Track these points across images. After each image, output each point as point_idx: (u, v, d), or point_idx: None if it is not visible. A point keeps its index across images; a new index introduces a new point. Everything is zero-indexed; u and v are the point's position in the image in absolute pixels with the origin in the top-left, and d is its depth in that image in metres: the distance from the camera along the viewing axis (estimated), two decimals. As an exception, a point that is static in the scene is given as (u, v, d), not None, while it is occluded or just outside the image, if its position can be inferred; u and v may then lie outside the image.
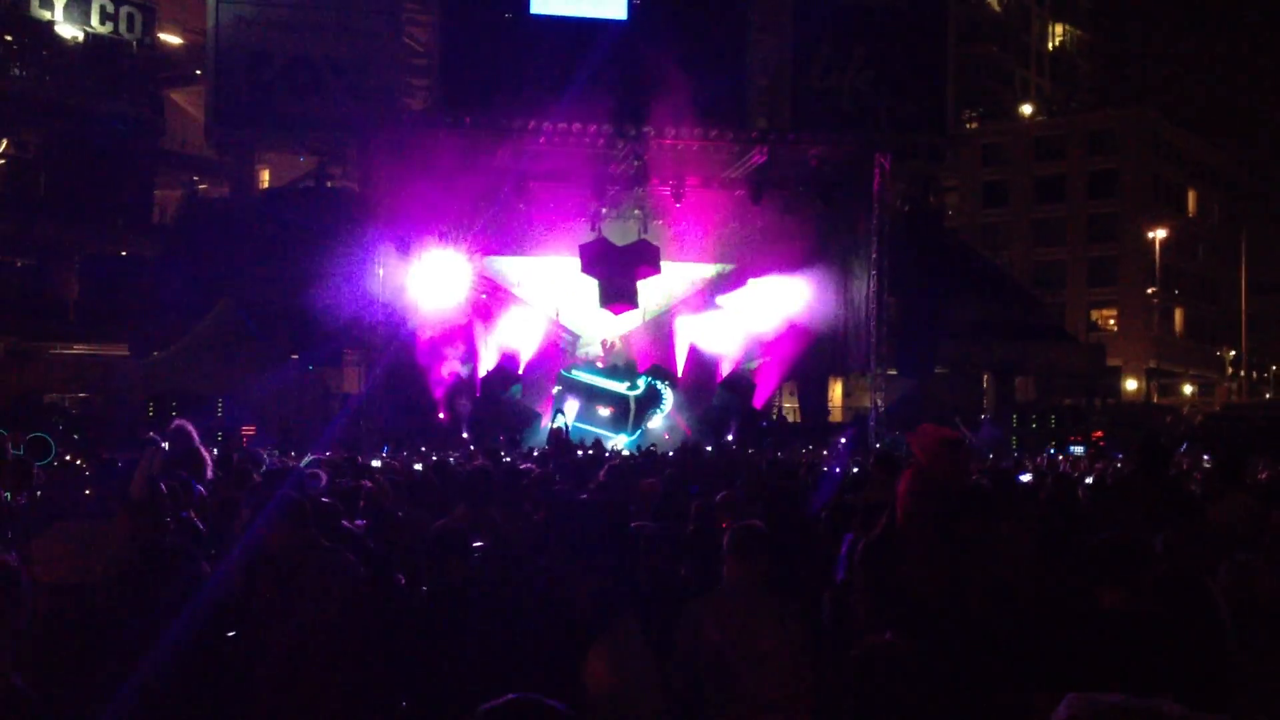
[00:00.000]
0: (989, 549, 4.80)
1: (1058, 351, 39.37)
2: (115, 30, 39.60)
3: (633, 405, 27.10)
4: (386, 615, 5.72)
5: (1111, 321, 66.08)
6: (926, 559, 4.36)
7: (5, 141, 38.87)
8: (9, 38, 37.91)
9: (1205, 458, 14.87)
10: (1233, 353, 70.41)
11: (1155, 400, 59.08)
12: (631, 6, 32.50)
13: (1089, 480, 11.86)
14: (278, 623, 5.17)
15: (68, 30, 38.51)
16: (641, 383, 27.21)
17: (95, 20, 39.05)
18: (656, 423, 27.11)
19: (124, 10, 39.72)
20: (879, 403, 27.27)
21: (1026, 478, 13.01)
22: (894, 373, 29.41)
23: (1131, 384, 60.69)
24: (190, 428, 9.39)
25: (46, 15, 38.00)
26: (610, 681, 4.30)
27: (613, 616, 4.49)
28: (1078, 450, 24.58)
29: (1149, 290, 63.16)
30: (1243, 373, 70.06)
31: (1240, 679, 3.82)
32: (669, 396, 27.23)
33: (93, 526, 4.43)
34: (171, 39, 45.31)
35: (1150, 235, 61.79)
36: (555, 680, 4.34)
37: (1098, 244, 66.40)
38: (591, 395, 27.15)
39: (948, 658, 4.01)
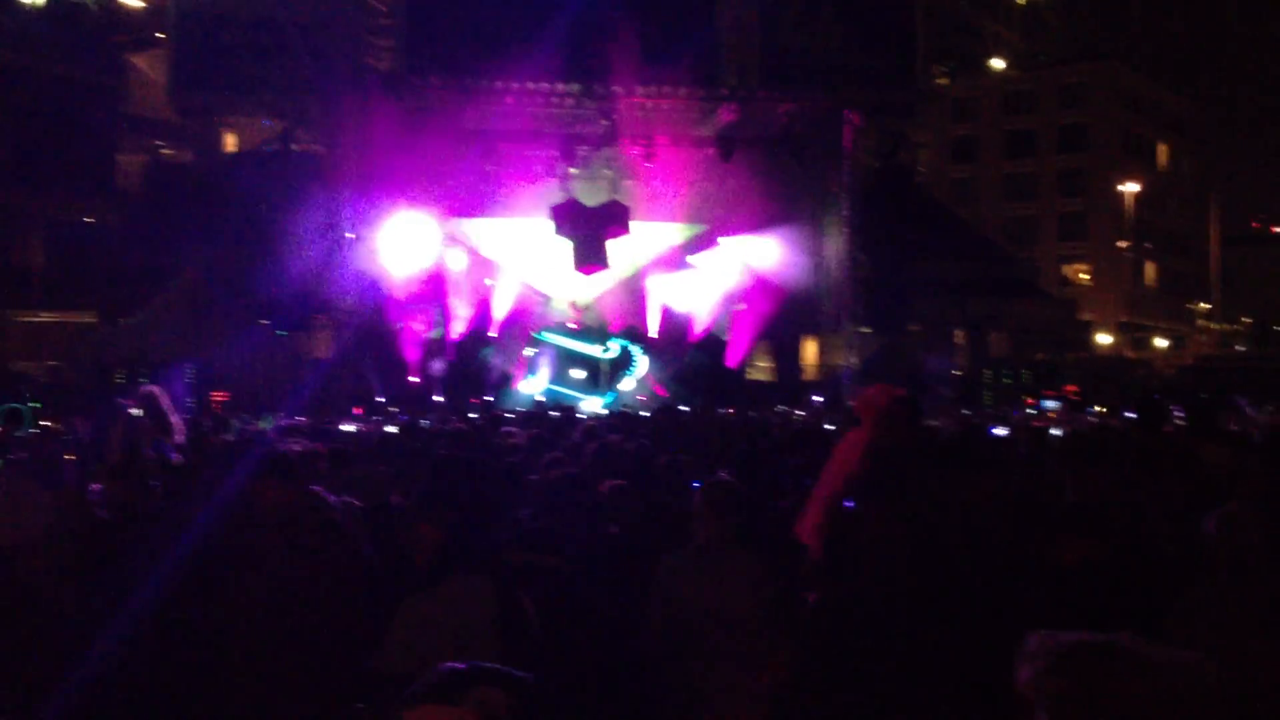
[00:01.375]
0: (954, 503, 4.77)
1: (1030, 306, 39.52)
2: (75, -7, 39.03)
3: (605, 368, 27.06)
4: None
5: (1083, 276, 66.35)
6: (879, 519, 4.33)
7: (-36, 108, 38.28)
8: (-35, 2, 37.32)
9: (1176, 411, 14.91)
10: (1204, 306, 70.88)
11: (1128, 354, 59.47)
12: (599, -36, 32.12)
13: (1056, 431, 11.86)
14: (267, 584, 5.04)
15: (26, -7, 37.92)
16: (614, 345, 27.14)
17: (54, -17, 38.46)
18: (628, 385, 27.07)
19: (83, -28, 39.15)
20: (853, 360, 27.30)
21: (1001, 432, 13.03)
22: (867, 330, 29.43)
23: (1104, 338, 61.03)
24: (159, 392, 9.28)
25: (4, -22, 37.42)
26: (418, 634, 4.28)
27: (451, 571, 4.45)
28: (1051, 405, 24.68)
29: (1120, 244, 63.41)
30: (1214, 325, 70.57)
31: (1231, 626, 3.84)
32: (641, 359, 27.18)
33: (35, 486, 4.26)
34: (132, 2, 44.62)
35: (1121, 189, 61.99)
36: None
37: (1069, 199, 66.59)
38: (564, 358, 27.09)
39: (907, 615, 3.98)
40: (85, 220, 37.88)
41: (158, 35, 39.75)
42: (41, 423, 15.77)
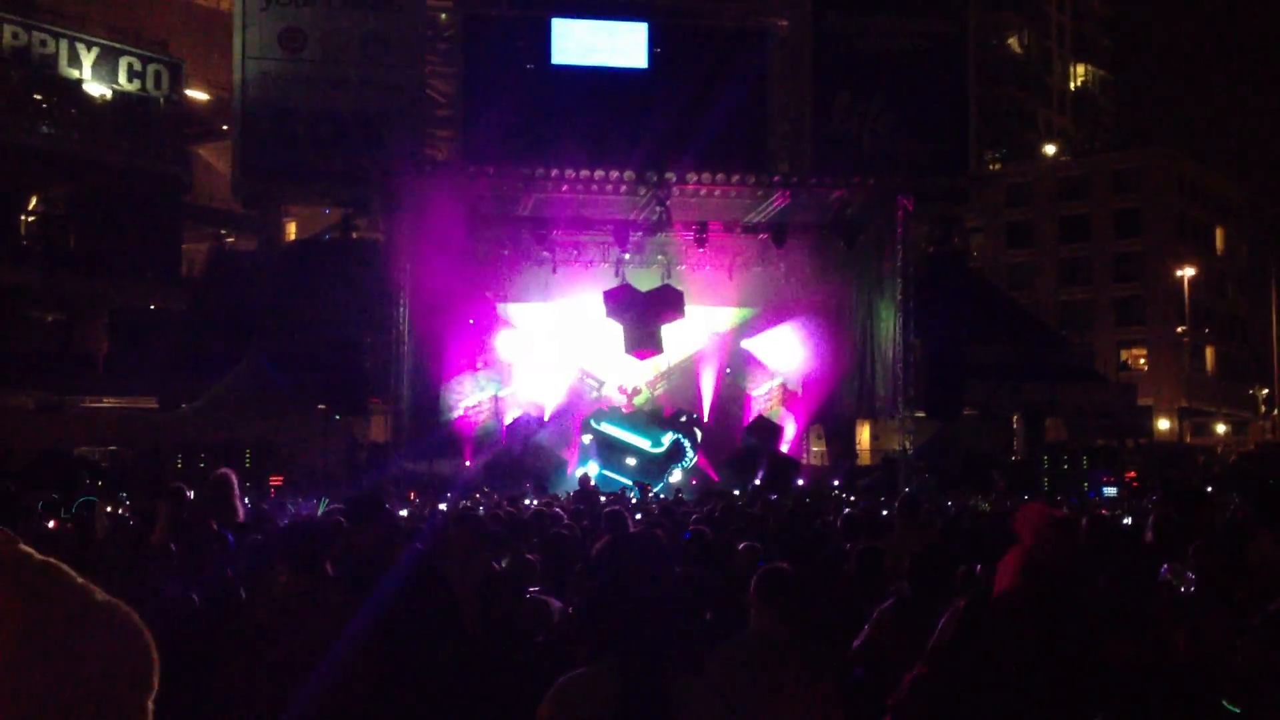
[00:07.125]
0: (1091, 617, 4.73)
1: (1088, 392, 38.99)
2: (143, 88, 40.17)
3: (657, 458, 27.00)
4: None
5: (1142, 361, 65.51)
6: (1023, 637, 4.32)
7: (35, 198, 39.33)
8: (39, 96, 38.48)
9: (1237, 498, 14.64)
10: (1265, 391, 69.74)
11: (1188, 440, 58.48)
12: (652, 55, 32.68)
13: (1127, 521, 11.66)
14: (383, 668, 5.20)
15: (96, 88, 39.07)
16: (666, 439, 27.03)
17: (123, 78, 39.63)
18: (678, 477, 26.91)
19: (151, 68, 40.31)
20: (907, 445, 27.07)
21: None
22: (922, 415, 29.20)
23: (1164, 424, 60.09)
24: (233, 477, 9.34)
25: (75, 74, 38.59)
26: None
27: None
28: (1111, 491, 24.29)
29: (1178, 329, 62.72)
30: (1276, 411, 69.33)
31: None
32: (692, 453, 27.09)
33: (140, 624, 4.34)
34: (198, 95, 45.87)
35: (1178, 274, 61.48)
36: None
37: (1125, 283, 66.02)
38: (617, 447, 27.05)
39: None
40: (149, 307, 38.62)
41: (223, 128, 40.83)
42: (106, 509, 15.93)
